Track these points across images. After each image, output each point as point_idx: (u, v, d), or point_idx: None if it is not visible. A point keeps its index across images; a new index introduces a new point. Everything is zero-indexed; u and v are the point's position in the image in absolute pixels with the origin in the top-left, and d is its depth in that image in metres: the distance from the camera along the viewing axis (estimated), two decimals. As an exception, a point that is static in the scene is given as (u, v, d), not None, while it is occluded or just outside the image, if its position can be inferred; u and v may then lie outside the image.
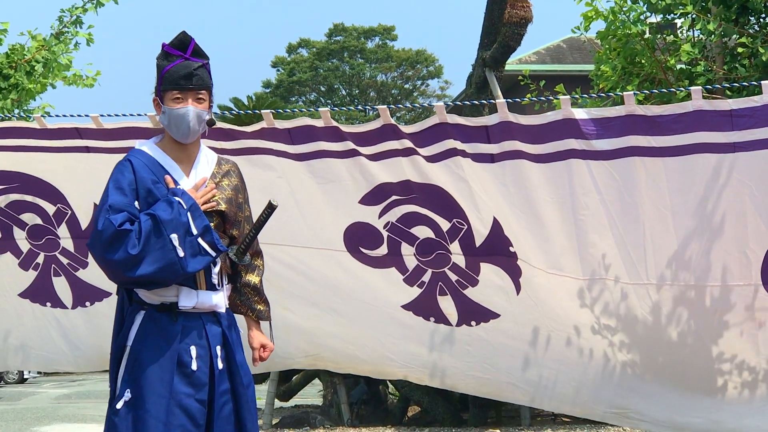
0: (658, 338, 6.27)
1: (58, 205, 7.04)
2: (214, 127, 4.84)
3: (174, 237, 4.37)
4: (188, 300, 4.52)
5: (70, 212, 7.05)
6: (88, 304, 7.28)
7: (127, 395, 4.45)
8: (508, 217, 6.35)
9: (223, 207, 4.66)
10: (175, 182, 4.58)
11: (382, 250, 6.63)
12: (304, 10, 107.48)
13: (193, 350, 4.49)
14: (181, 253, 4.37)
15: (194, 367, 4.47)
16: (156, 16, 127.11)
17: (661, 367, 6.34)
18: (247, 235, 4.69)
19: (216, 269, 4.60)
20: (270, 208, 4.64)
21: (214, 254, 4.48)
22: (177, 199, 4.45)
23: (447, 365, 6.84)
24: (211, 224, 4.56)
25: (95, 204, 6.99)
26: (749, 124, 5.70)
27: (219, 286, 4.63)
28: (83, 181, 6.96)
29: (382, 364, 7.03)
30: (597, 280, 6.28)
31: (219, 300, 4.62)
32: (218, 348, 4.55)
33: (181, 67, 4.59)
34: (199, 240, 4.43)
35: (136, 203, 4.49)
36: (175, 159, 4.68)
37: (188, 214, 4.42)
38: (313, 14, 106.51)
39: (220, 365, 4.54)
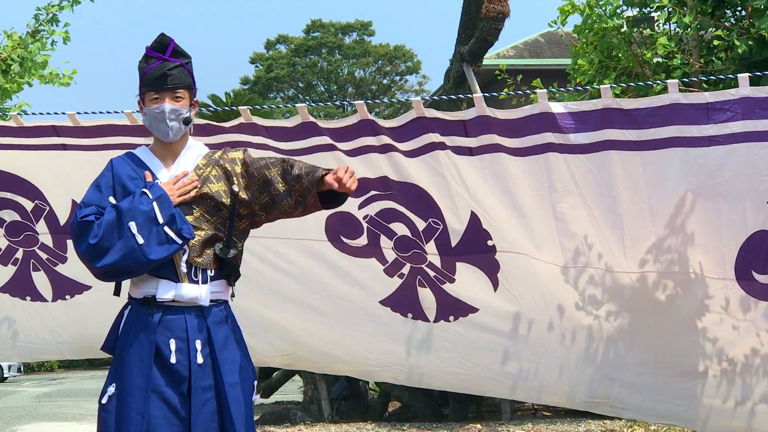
0: (639, 327, 6.31)
1: (36, 201, 7.06)
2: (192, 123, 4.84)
3: (132, 225, 4.41)
4: (166, 292, 4.53)
5: (48, 208, 7.07)
6: (68, 297, 7.32)
7: (111, 389, 4.49)
8: (488, 209, 6.37)
9: (225, 200, 4.67)
10: (154, 176, 4.61)
11: (362, 240, 6.64)
12: (281, 6, 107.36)
13: (173, 343, 4.49)
14: (141, 241, 4.40)
15: (173, 360, 4.47)
16: (133, 13, 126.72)
17: (643, 355, 6.37)
18: (225, 231, 4.67)
19: (184, 258, 4.57)
20: (233, 194, 4.66)
21: (180, 242, 4.47)
22: (142, 190, 4.49)
23: (424, 363, 6.85)
24: (196, 213, 4.59)
25: (73, 200, 7.01)
26: (725, 117, 5.71)
27: (198, 278, 4.60)
28: (60, 177, 6.98)
29: (359, 363, 7.03)
30: (578, 268, 6.30)
31: (201, 293, 4.58)
32: (198, 342, 4.52)
33: (158, 68, 4.64)
34: (165, 228, 4.44)
35: (112, 198, 4.55)
36: (160, 157, 4.73)
37: (154, 203, 4.44)
38: (290, 10, 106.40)
39: (200, 360, 4.51)
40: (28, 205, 7.10)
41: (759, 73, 6.06)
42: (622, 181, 6.06)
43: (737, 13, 8.97)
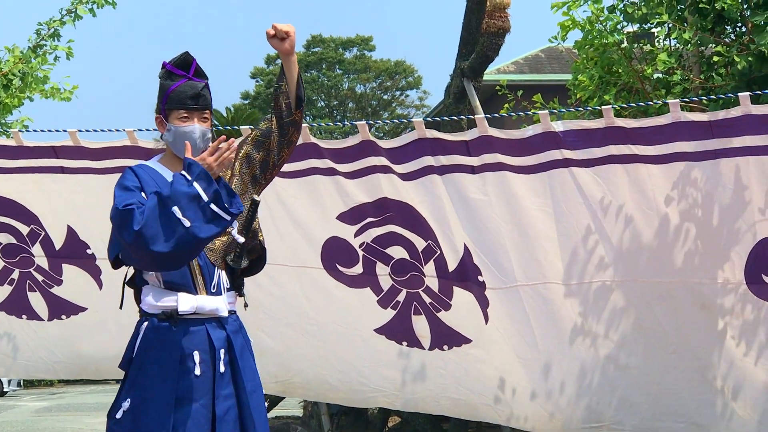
0: (641, 340, 6.32)
1: (32, 226, 7.11)
2: None
3: (176, 209, 4.28)
4: (187, 305, 4.56)
5: (43, 233, 7.13)
6: (64, 317, 7.33)
7: (126, 404, 4.51)
8: (481, 238, 6.37)
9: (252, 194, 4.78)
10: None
11: (358, 268, 6.64)
12: (282, 21, 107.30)
13: (197, 355, 4.55)
14: (187, 224, 4.28)
15: (198, 371, 4.53)
16: (134, 27, 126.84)
17: (642, 371, 6.36)
18: (235, 242, 4.71)
19: (216, 275, 4.66)
20: (254, 204, 4.69)
21: (228, 218, 4.38)
22: (181, 172, 4.40)
23: (419, 389, 6.86)
24: (230, 184, 4.60)
25: (69, 226, 7.04)
26: (728, 133, 5.83)
27: (218, 290, 4.67)
28: (57, 203, 7.03)
29: (354, 390, 7.03)
30: (581, 284, 6.30)
31: (220, 304, 4.66)
32: (222, 351, 4.59)
33: (188, 87, 4.69)
34: (212, 206, 4.33)
35: (142, 194, 4.49)
36: (173, 171, 4.69)
37: (194, 183, 4.33)
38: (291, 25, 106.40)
39: (222, 369, 4.57)
40: (24, 229, 7.16)
41: (759, 92, 6.12)
42: (629, 191, 6.10)
43: (737, 29, 8.99)
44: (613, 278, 6.26)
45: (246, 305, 4.94)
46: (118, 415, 4.51)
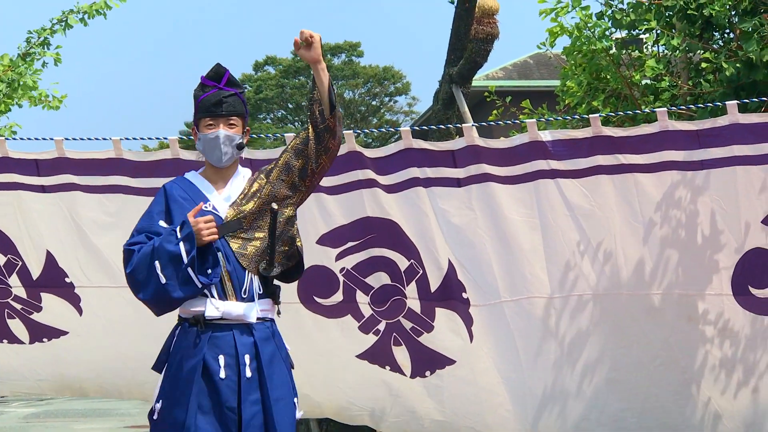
0: (627, 354, 6.28)
1: (9, 255, 6.98)
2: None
3: (157, 264, 4.60)
4: (214, 310, 4.73)
5: (20, 263, 6.99)
6: (45, 340, 7.21)
7: (158, 406, 4.74)
8: (466, 253, 6.34)
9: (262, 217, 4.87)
10: (205, 201, 4.84)
11: (337, 297, 6.59)
12: (270, 28, 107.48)
13: (222, 359, 4.71)
14: (163, 280, 4.59)
15: (222, 375, 4.69)
16: (124, 35, 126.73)
17: (629, 384, 6.32)
18: (266, 249, 4.82)
19: (247, 281, 4.79)
20: (273, 213, 4.77)
21: (199, 286, 4.65)
22: (172, 228, 4.67)
23: (404, 411, 6.83)
24: (245, 226, 4.80)
25: (48, 251, 6.94)
26: (716, 143, 5.84)
27: (249, 296, 4.80)
28: (35, 224, 6.91)
29: (341, 408, 7.01)
30: (565, 297, 6.27)
31: (248, 311, 4.79)
32: (246, 357, 4.73)
33: (213, 96, 4.91)
34: (188, 270, 4.61)
35: (162, 223, 4.80)
36: (211, 182, 4.99)
37: (180, 244, 4.60)
38: (279, 31, 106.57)
39: (249, 374, 4.70)
40: (1, 259, 7.03)
41: (746, 100, 6.14)
42: (615, 201, 6.09)
43: (725, 35, 9.01)
44: (598, 291, 6.24)
45: (279, 312, 5.03)
46: (154, 416, 4.75)
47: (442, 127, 7.34)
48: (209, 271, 4.68)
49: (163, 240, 4.64)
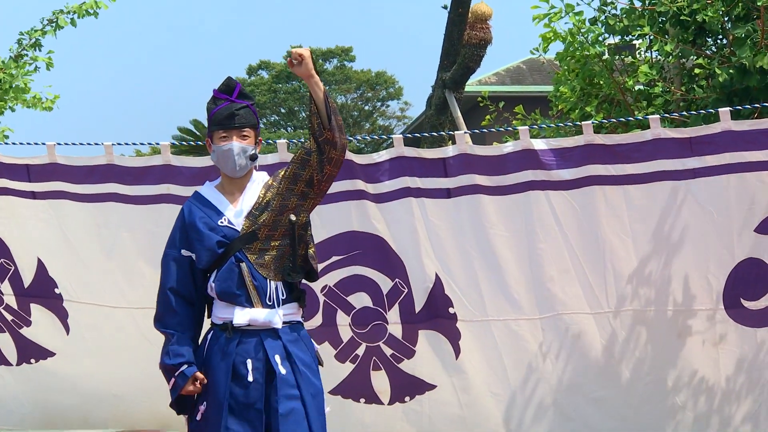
0: (616, 372, 6.21)
1: (2, 260, 6.91)
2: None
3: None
4: (241, 318, 4.91)
5: (13, 268, 6.90)
6: (33, 361, 7.10)
7: (202, 408, 4.95)
8: (454, 268, 6.31)
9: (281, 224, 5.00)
10: (220, 215, 5.03)
11: (317, 320, 6.50)
12: (263, 32, 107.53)
13: (250, 363, 4.89)
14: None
15: (251, 378, 4.87)
16: (116, 38, 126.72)
17: (618, 402, 6.25)
18: (290, 257, 4.96)
19: (270, 289, 4.96)
20: (292, 224, 4.92)
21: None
22: (180, 371, 4.96)
23: None
24: (261, 236, 4.97)
25: (39, 259, 6.87)
26: (708, 150, 5.81)
27: (274, 302, 4.95)
28: (27, 230, 6.84)
29: None
30: (555, 316, 6.23)
31: (273, 317, 4.94)
32: (277, 357, 4.90)
33: (225, 108, 5.03)
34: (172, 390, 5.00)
35: (184, 251, 5.03)
36: (227, 192, 5.09)
37: (172, 380, 4.96)
38: (272, 36, 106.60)
39: (283, 371, 4.88)
40: None
41: (739, 107, 6.13)
42: (604, 215, 6.05)
43: (718, 41, 9.04)
44: (586, 309, 6.20)
45: (304, 316, 5.16)
46: (198, 417, 4.96)
47: (435, 134, 7.31)
48: (213, 282, 4.96)
49: (165, 357, 4.99)
